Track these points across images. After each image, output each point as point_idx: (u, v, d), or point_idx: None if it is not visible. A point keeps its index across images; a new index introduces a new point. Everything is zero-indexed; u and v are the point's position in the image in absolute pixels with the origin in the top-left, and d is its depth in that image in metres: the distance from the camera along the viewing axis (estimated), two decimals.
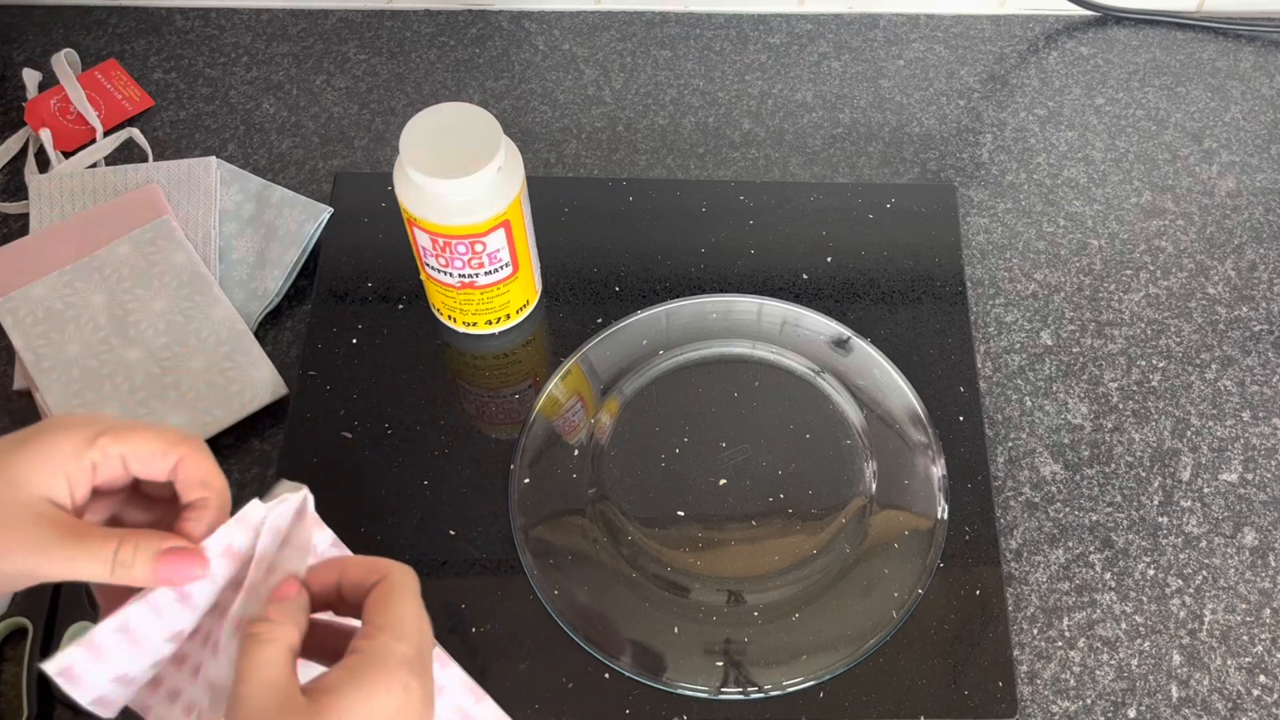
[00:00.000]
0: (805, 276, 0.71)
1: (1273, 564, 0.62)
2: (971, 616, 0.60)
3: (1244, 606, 0.61)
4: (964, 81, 0.82)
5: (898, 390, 0.66)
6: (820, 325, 0.69)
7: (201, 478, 0.41)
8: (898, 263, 0.72)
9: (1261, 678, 0.59)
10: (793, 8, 0.85)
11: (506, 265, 0.64)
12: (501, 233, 0.61)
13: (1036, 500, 0.64)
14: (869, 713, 0.57)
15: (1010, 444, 0.66)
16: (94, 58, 0.81)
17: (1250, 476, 0.65)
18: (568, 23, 0.84)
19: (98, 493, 0.41)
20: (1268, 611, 0.61)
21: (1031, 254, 0.73)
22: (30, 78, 0.79)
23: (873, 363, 0.67)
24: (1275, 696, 0.58)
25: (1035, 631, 0.60)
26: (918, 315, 0.69)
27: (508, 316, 0.68)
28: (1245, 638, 0.60)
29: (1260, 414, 0.67)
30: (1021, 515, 0.63)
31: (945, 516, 0.62)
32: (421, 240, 0.62)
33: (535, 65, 0.82)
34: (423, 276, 0.66)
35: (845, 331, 0.68)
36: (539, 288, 0.69)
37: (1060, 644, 0.60)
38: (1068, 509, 0.64)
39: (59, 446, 0.39)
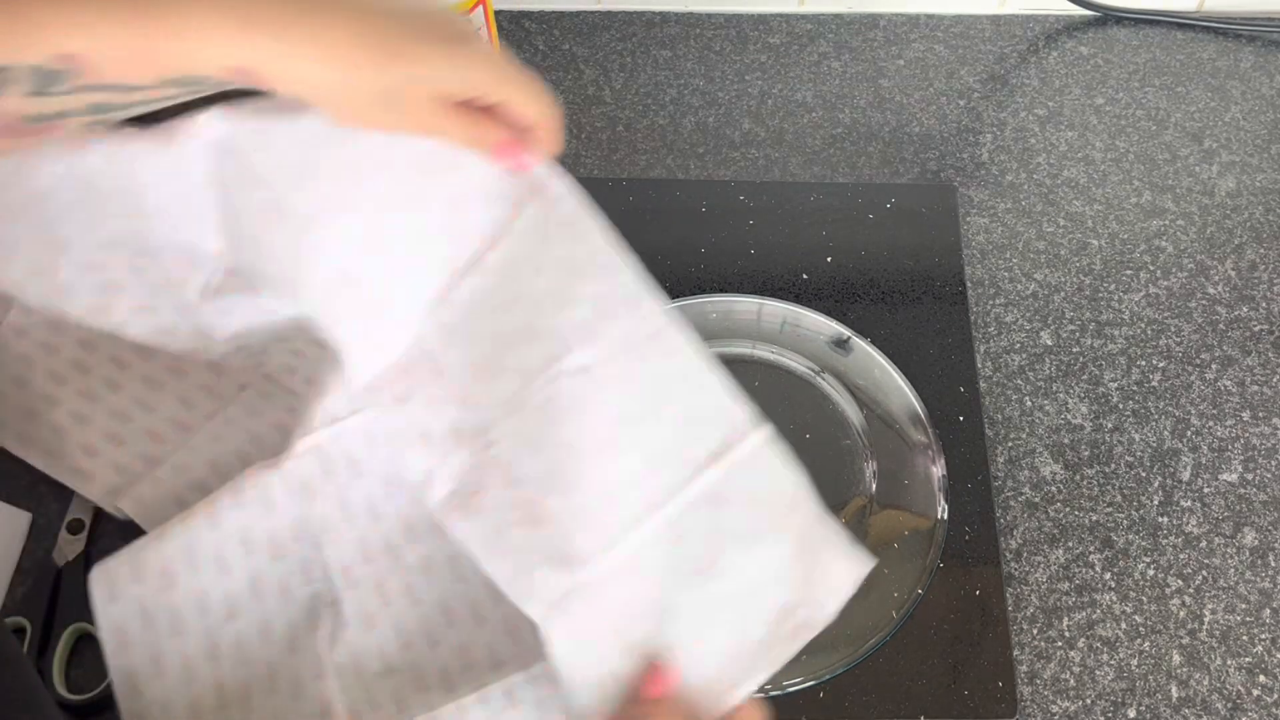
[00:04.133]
0: (805, 276, 0.71)
1: (1273, 564, 0.62)
2: (971, 616, 0.60)
3: (1244, 606, 0.61)
4: (964, 81, 0.82)
5: (898, 390, 0.66)
6: (820, 325, 0.69)
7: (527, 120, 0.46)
8: (898, 263, 0.72)
9: (1261, 678, 0.59)
10: (793, 8, 0.85)
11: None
12: (480, 11, 0.66)
13: (1036, 500, 0.64)
14: (869, 713, 0.57)
15: (1010, 444, 0.66)
16: None
17: (1250, 476, 0.65)
18: (568, 23, 0.84)
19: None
20: (1268, 611, 0.61)
21: (1031, 254, 0.73)
22: None
23: (873, 363, 0.67)
24: (1275, 696, 0.58)
25: (1035, 631, 0.60)
26: (918, 315, 0.69)
27: None
28: (1245, 638, 0.60)
29: (1260, 414, 0.67)
30: (1021, 515, 0.63)
31: (945, 516, 0.62)
32: None
33: (535, 65, 0.82)
34: None
35: (845, 331, 0.68)
36: None
37: (1060, 644, 0.60)
38: (1068, 509, 0.63)
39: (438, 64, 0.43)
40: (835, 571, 0.49)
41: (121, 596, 0.51)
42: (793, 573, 0.48)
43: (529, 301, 0.49)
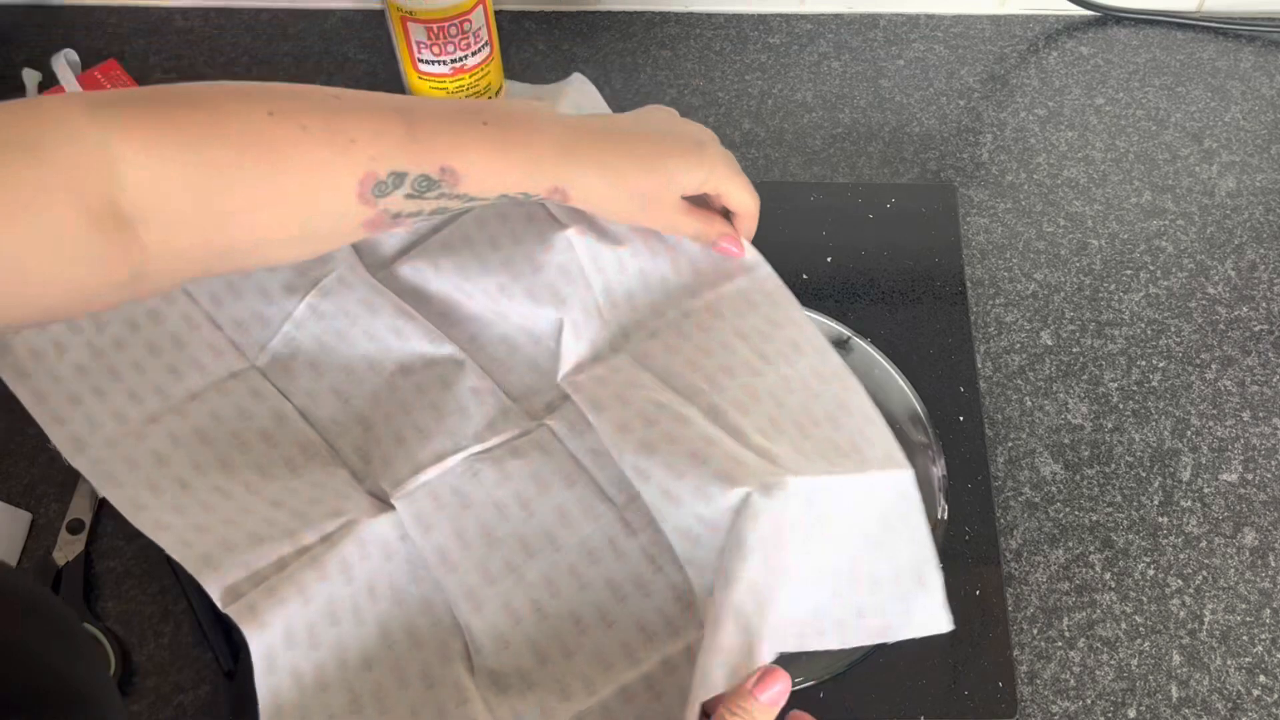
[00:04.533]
0: (805, 276, 0.71)
1: (1273, 564, 0.62)
2: (971, 616, 0.60)
3: (1244, 606, 0.61)
4: (964, 81, 0.82)
5: (898, 390, 0.66)
6: (820, 325, 0.68)
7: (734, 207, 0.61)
8: (898, 263, 0.72)
9: (1261, 678, 0.59)
10: (793, 8, 0.85)
11: (486, 45, 0.72)
12: (481, 10, 0.70)
13: (1036, 500, 0.64)
14: (869, 713, 0.57)
15: (1010, 444, 0.66)
16: (94, 58, 0.81)
17: (1250, 476, 0.65)
18: (568, 23, 0.84)
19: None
20: (1268, 611, 0.61)
21: (1031, 254, 0.73)
22: (30, 78, 0.79)
23: (873, 363, 0.67)
24: (1275, 696, 0.58)
25: (1035, 631, 0.60)
26: (918, 315, 0.69)
27: (490, 100, 0.75)
28: (1245, 638, 0.60)
29: (1260, 414, 0.67)
30: (1021, 515, 0.63)
31: (945, 516, 0.62)
32: (417, 35, 0.69)
33: (535, 65, 0.82)
34: (412, 82, 0.73)
35: (845, 331, 0.68)
36: (504, 75, 0.78)
37: (1060, 644, 0.60)
38: (1068, 509, 0.64)
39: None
40: (917, 608, 0.55)
41: (279, 667, 0.53)
42: (890, 588, 0.55)
43: (732, 333, 0.60)
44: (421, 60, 0.71)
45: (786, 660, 0.58)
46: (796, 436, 0.56)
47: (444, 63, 0.71)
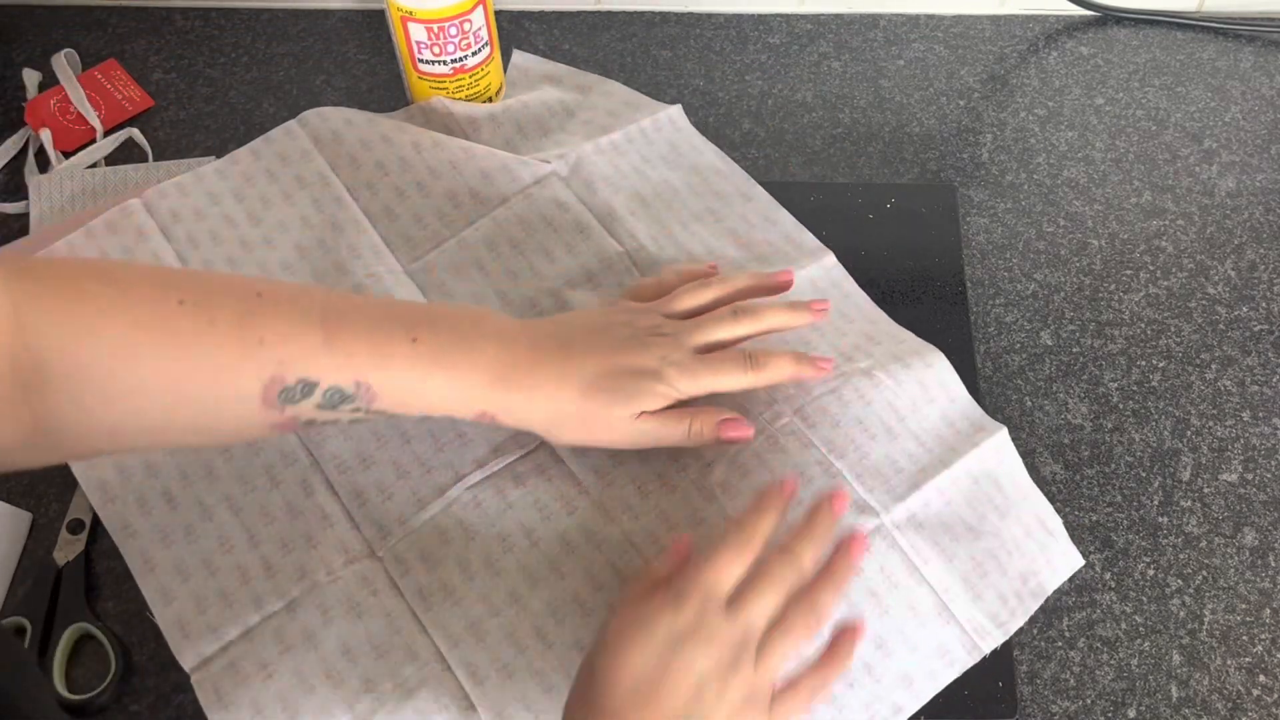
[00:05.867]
0: None
1: (1273, 564, 0.62)
2: None
3: (1244, 606, 0.61)
4: (964, 81, 0.82)
5: None
6: None
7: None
8: (898, 263, 0.72)
9: (1261, 678, 0.59)
10: (793, 8, 0.85)
11: (486, 45, 0.72)
12: (481, 10, 0.70)
13: None
14: None
15: None
16: (94, 58, 0.81)
17: (1250, 476, 0.65)
18: (568, 23, 0.84)
19: None
20: (1268, 611, 0.61)
21: (1031, 254, 0.73)
22: (30, 78, 0.79)
23: None
24: (1275, 696, 0.58)
25: (1035, 631, 0.60)
26: (918, 315, 0.69)
27: (490, 100, 0.76)
28: (1245, 638, 0.60)
29: (1260, 414, 0.67)
30: None
31: None
32: (417, 35, 0.70)
33: None
34: (412, 82, 0.74)
35: None
36: (504, 75, 0.78)
37: (1060, 644, 0.60)
38: (1068, 509, 0.63)
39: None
40: (1056, 554, 0.59)
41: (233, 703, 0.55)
42: (1031, 545, 0.59)
43: (811, 329, 0.63)
44: (421, 60, 0.71)
45: None
46: (881, 457, 0.59)
47: (444, 63, 0.71)
